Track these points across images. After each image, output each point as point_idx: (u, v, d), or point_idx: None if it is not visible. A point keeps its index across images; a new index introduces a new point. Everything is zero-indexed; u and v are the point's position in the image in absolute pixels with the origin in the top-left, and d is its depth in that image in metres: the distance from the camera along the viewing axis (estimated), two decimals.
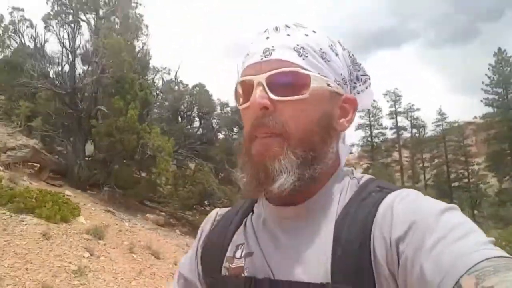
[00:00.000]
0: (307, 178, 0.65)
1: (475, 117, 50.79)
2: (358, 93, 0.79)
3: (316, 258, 0.63)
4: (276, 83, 0.65)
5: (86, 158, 10.74)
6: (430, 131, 47.27)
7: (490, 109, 38.41)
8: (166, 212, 11.22)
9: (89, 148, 11.11)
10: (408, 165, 46.83)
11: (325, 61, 0.69)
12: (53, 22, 11.96)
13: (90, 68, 11.18)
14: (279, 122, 0.65)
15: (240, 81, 0.70)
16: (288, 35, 0.68)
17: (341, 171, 0.74)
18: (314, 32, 0.70)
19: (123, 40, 11.44)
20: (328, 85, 0.68)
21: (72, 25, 11.77)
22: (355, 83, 0.79)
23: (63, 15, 11.73)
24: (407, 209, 0.59)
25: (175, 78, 16.30)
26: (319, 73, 0.67)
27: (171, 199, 10.67)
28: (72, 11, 11.66)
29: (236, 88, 0.73)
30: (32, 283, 4.71)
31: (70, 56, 11.57)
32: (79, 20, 11.93)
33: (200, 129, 17.87)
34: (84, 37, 11.74)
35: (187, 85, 18.74)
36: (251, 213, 0.79)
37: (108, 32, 12.06)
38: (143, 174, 11.30)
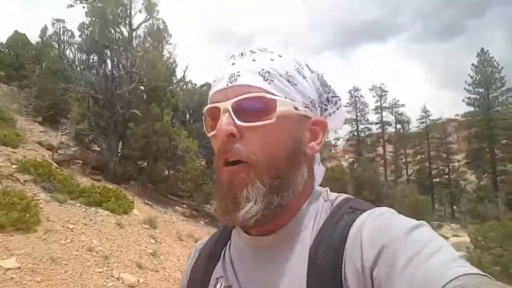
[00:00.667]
0: (274, 207, 0.65)
1: (457, 115, 53.36)
2: (329, 115, 0.79)
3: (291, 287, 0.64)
4: (242, 109, 0.65)
5: (120, 156, 12.16)
6: (414, 127, 49.77)
7: (472, 108, 40.96)
8: (187, 205, 12.56)
9: (119, 147, 12.51)
10: (392, 160, 49.12)
11: (292, 85, 0.69)
12: (89, 32, 13.28)
13: (126, 76, 12.44)
14: (246, 149, 0.64)
15: (208, 108, 0.71)
16: (254, 60, 0.68)
17: (315, 194, 0.73)
18: (280, 56, 0.70)
19: (158, 53, 12.83)
20: (296, 108, 0.68)
21: (109, 36, 13.07)
22: (325, 105, 0.79)
23: (98, 25, 12.92)
24: (376, 232, 0.59)
25: (184, 78, 17.56)
26: (285, 97, 0.67)
27: (195, 193, 12.07)
28: (106, 22, 12.86)
29: (204, 115, 0.73)
30: (128, 261, 5.85)
31: (108, 65, 12.90)
32: (113, 30, 13.17)
33: None
34: (120, 48, 13.02)
35: (195, 84, 19.86)
36: (229, 242, 0.79)
37: (143, 44, 13.49)
38: (171, 171, 12.79)
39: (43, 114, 13.74)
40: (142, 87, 13.02)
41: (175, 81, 16.33)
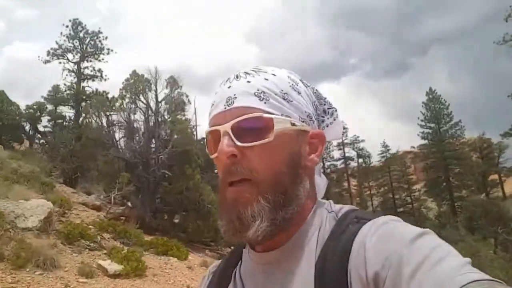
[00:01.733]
0: (279, 222, 0.67)
1: (413, 147, 58.88)
2: (327, 126, 0.83)
3: None
4: (241, 130, 0.68)
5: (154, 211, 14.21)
6: (375, 161, 54.37)
7: (426, 141, 45.93)
8: (213, 250, 14.46)
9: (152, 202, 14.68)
10: (356, 193, 52.92)
11: (287, 102, 0.72)
12: (124, 103, 15.62)
13: (160, 144, 14.79)
14: (248, 168, 0.67)
15: (208, 132, 0.74)
16: (248, 81, 0.71)
17: (318, 206, 0.75)
18: (274, 74, 0.74)
19: (186, 122, 15.24)
20: (293, 124, 0.71)
21: (143, 108, 15.50)
22: (322, 117, 0.82)
23: (131, 97, 15.29)
24: (380, 240, 0.60)
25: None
26: (282, 114, 0.70)
27: (221, 240, 14.14)
28: (137, 93, 15.29)
29: (206, 138, 0.77)
30: None
31: (145, 133, 15.14)
32: (142, 102, 15.59)
33: None
34: (151, 118, 15.50)
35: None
36: (240, 263, 0.82)
37: (170, 113, 15.85)
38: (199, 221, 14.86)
39: (70, 176, 15.51)
40: (168, 151, 15.05)
41: (196, 142, 18.82)
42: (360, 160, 54.53)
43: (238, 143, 0.68)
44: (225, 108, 0.71)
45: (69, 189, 14.55)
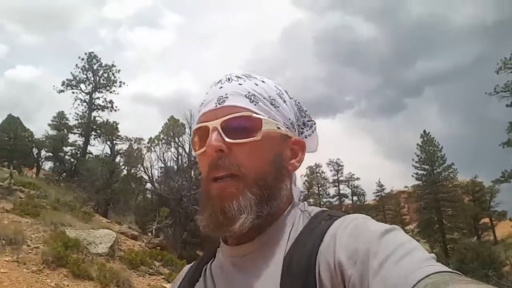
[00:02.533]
0: (265, 215, 0.71)
1: (406, 187, 60.79)
2: (306, 137, 0.88)
3: None
4: (230, 128, 0.72)
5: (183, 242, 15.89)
6: (369, 199, 56.15)
7: (420, 182, 47.69)
8: None
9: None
10: None
11: (274, 107, 0.77)
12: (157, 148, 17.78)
13: (192, 181, 16.75)
14: (235, 163, 0.70)
15: (196, 128, 0.77)
16: (240, 84, 0.76)
17: (294, 205, 0.80)
18: (263, 81, 0.79)
19: None
20: (278, 128, 0.76)
21: (173, 150, 17.66)
22: (302, 128, 0.88)
23: (167, 139, 17.42)
24: (350, 234, 0.64)
25: None
26: (269, 117, 0.75)
27: None
28: (173, 136, 17.44)
29: (192, 136, 0.79)
30: None
31: (180, 172, 17.15)
32: (175, 143, 17.69)
33: None
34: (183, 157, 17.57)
35: None
36: (212, 259, 0.84)
37: None
38: None
39: (104, 206, 17.21)
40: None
41: None
42: (355, 198, 56.48)
43: (227, 139, 0.71)
44: (215, 106, 0.74)
45: (103, 218, 16.03)
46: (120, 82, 35.64)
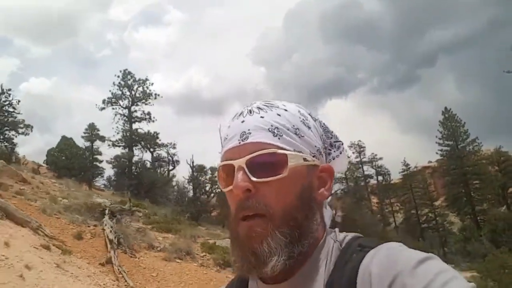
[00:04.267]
0: (297, 255, 0.71)
1: (430, 161, 63.79)
2: (333, 159, 0.88)
3: None
4: (255, 165, 0.72)
5: None
6: (396, 178, 58.85)
7: (440, 153, 49.46)
8: None
9: None
10: (378, 210, 57.15)
11: (299, 137, 0.76)
12: None
13: None
14: (262, 203, 0.71)
15: (222, 165, 0.77)
16: (262, 117, 0.76)
17: (327, 235, 0.79)
18: (286, 110, 0.78)
19: None
20: (305, 159, 0.75)
21: None
22: (329, 149, 0.88)
23: None
24: (383, 268, 0.63)
25: None
26: (294, 150, 0.74)
27: None
28: None
29: (218, 172, 0.80)
30: None
31: None
32: None
33: None
34: None
35: None
36: None
37: None
38: None
39: (195, 217, 21.02)
40: None
41: None
42: (380, 178, 59.38)
43: (253, 178, 0.71)
44: (239, 143, 0.75)
45: (201, 228, 18.97)
46: (156, 94, 39.13)
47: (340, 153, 0.90)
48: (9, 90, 27.50)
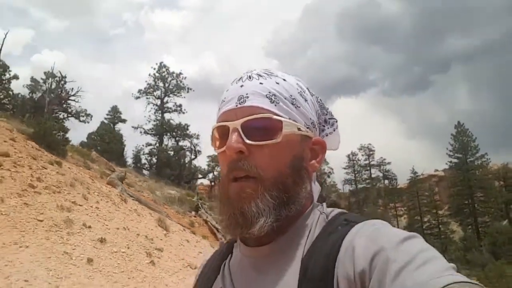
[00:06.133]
0: (283, 218, 0.75)
1: (437, 170, 67.04)
2: (326, 135, 0.91)
3: None
4: (250, 129, 0.75)
5: None
6: (402, 183, 61.92)
7: (449, 164, 52.29)
8: None
9: None
10: (382, 213, 60.44)
11: (295, 107, 0.80)
12: None
13: None
14: (254, 165, 0.74)
15: (216, 127, 0.80)
16: (261, 83, 0.79)
17: (313, 207, 0.83)
18: (285, 80, 0.82)
19: None
20: (299, 129, 0.79)
21: None
22: (323, 126, 0.90)
23: None
24: (368, 241, 0.65)
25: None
26: (290, 118, 0.77)
27: None
28: None
29: (212, 133, 0.83)
30: None
31: None
32: None
33: None
34: None
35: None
36: (229, 256, 0.89)
37: None
38: None
39: None
40: None
41: None
42: (386, 182, 62.76)
43: (247, 141, 0.74)
44: (236, 105, 0.77)
45: None
46: (188, 88, 42.48)
47: (334, 130, 0.93)
48: (65, 77, 30.12)
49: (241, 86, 0.80)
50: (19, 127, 14.89)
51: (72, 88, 29.41)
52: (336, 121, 0.94)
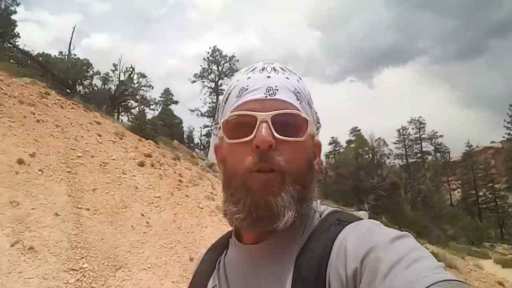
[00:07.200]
0: (301, 214, 0.75)
1: (493, 142, 66.42)
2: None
3: None
4: (279, 123, 0.75)
5: None
6: (454, 156, 61.91)
7: (508, 136, 52.80)
8: None
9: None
10: (434, 189, 60.51)
11: (310, 107, 0.83)
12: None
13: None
14: (280, 160, 0.74)
15: (240, 114, 0.77)
16: (287, 78, 0.80)
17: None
18: (300, 79, 0.85)
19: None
20: (316, 129, 0.84)
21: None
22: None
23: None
24: (360, 242, 0.67)
25: None
26: (309, 117, 0.80)
27: None
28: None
29: (227, 119, 0.80)
30: None
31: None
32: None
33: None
34: None
35: None
36: (225, 252, 0.91)
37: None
38: None
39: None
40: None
41: None
42: (438, 155, 62.82)
43: (276, 135, 0.74)
44: (266, 96, 0.77)
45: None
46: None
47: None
48: (133, 68, 32.84)
49: (268, 77, 0.80)
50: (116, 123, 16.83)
51: (138, 78, 31.76)
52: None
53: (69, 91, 22.80)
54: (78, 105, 14.33)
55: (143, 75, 31.68)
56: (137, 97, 29.73)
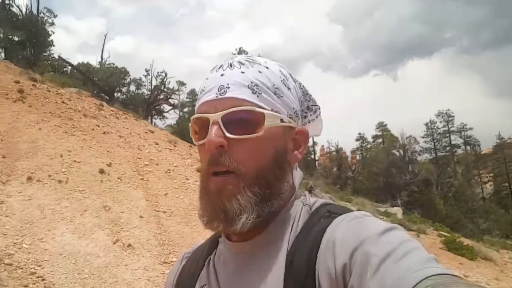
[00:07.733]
0: (266, 214, 0.75)
1: None
2: (309, 122, 0.91)
3: None
4: (231, 122, 0.73)
5: None
6: (485, 148, 61.54)
7: None
8: None
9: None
10: (464, 180, 60.48)
11: (278, 97, 0.79)
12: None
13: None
14: (234, 160, 0.73)
15: (196, 118, 0.79)
16: (243, 72, 0.77)
17: (296, 197, 0.84)
18: (267, 67, 0.80)
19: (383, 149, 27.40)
20: (281, 120, 0.78)
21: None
22: (306, 112, 0.90)
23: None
24: (349, 235, 0.66)
25: None
26: (272, 110, 0.76)
27: None
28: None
29: (192, 123, 0.82)
30: None
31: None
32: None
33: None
34: None
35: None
36: (215, 250, 0.90)
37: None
38: None
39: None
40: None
41: None
42: (468, 148, 62.42)
43: (228, 135, 0.73)
44: (216, 96, 0.75)
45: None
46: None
47: (316, 117, 0.93)
48: (166, 73, 34.34)
49: (222, 75, 0.78)
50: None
51: (169, 82, 33.14)
52: (319, 108, 0.94)
53: (108, 98, 24.34)
54: (128, 114, 15.63)
55: (182, 83, 33.06)
56: (172, 101, 31.17)
